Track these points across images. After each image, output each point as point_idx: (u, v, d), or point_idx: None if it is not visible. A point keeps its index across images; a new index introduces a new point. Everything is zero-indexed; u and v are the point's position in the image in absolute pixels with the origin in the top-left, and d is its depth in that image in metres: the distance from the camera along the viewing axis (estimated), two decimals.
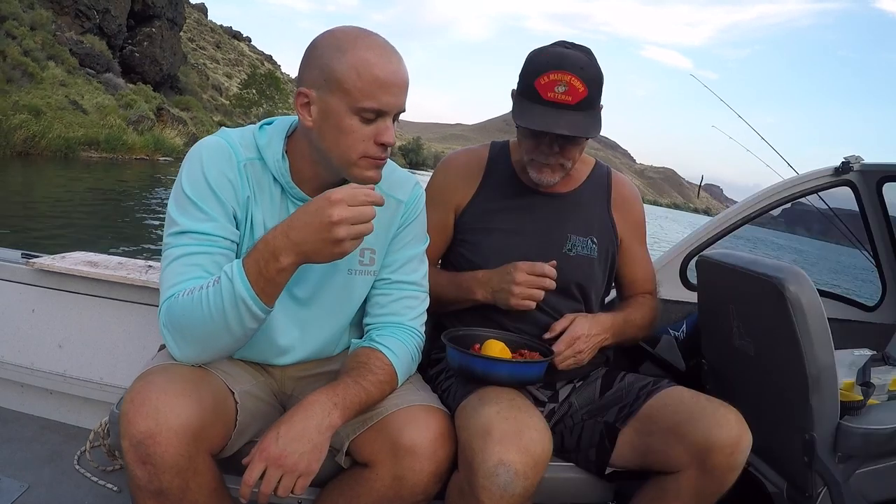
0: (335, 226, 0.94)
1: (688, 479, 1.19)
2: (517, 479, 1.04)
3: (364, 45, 1.04)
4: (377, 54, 1.03)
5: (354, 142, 1.05)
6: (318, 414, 1.03)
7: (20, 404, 1.96)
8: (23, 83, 18.96)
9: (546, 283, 1.30)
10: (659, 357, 1.84)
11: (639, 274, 1.56)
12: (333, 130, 1.05)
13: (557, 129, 1.25)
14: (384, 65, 1.03)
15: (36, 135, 16.08)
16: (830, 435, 1.30)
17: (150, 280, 1.87)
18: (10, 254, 1.99)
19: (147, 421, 0.94)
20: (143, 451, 0.94)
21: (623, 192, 1.53)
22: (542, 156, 1.34)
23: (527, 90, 1.28)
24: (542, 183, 1.38)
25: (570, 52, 1.27)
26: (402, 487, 1.08)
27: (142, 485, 0.96)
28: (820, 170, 2.00)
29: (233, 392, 1.11)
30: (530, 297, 1.30)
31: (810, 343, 1.22)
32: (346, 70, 1.02)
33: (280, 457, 0.98)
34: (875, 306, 2.16)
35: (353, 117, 1.04)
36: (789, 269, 1.26)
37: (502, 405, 1.14)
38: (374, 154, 1.07)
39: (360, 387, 1.09)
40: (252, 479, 0.98)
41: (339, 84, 1.02)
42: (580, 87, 1.24)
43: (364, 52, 1.03)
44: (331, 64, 1.03)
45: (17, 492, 1.56)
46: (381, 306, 1.25)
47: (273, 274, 0.98)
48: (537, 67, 1.26)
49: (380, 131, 1.05)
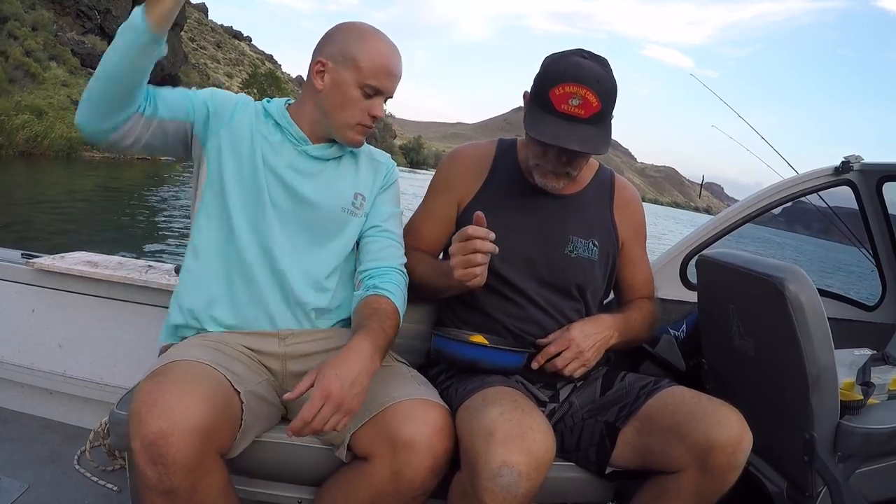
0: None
1: (688, 478, 1.19)
2: (520, 480, 1.04)
3: (378, 38, 1.30)
4: (387, 48, 1.30)
5: (354, 110, 1.29)
6: (366, 358, 1.09)
7: (20, 404, 1.96)
8: (25, 83, 19.26)
9: (476, 244, 1.19)
10: (659, 357, 1.84)
11: (638, 278, 1.56)
12: (339, 97, 1.28)
13: (568, 143, 1.25)
14: (390, 57, 1.29)
15: (38, 135, 16.38)
16: (830, 434, 1.29)
17: (151, 280, 1.87)
18: (10, 254, 1.99)
19: (159, 421, 0.95)
20: (155, 451, 0.95)
21: (625, 195, 1.53)
22: (548, 164, 1.35)
23: (541, 99, 1.28)
24: (545, 188, 1.39)
25: (587, 64, 1.26)
26: (400, 482, 1.09)
27: (151, 485, 0.97)
28: (820, 169, 2.00)
29: (238, 392, 1.11)
30: (467, 265, 1.20)
31: (810, 342, 1.22)
32: (362, 53, 1.26)
33: (340, 397, 1.03)
34: (875, 306, 2.15)
35: (358, 90, 1.27)
36: (789, 269, 1.26)
37: (505, 406, 1.14)
38: (367, 122, 1.31)
39: (384, 331, 1.19)
40: (311, 415, 1.02)
41: (354, 62, 1.26)
42: (594, 101, 1.24)
43: (377, 44, 1.29)
44: (350, 45, 1.27)
45: (18, 491, 1.56)
46: (374, 252, 1.38)
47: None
48: (553, 77, 1.26)
49: (374, 106, 1.30)
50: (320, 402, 1.02)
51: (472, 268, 1.21)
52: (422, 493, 1.12)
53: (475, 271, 1.21)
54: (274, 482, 1.29)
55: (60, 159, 17.21)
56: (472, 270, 1.21)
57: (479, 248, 1.19)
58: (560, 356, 1.35)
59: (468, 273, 1.21)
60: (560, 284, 1.41)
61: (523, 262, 1.42)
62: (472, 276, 1.22)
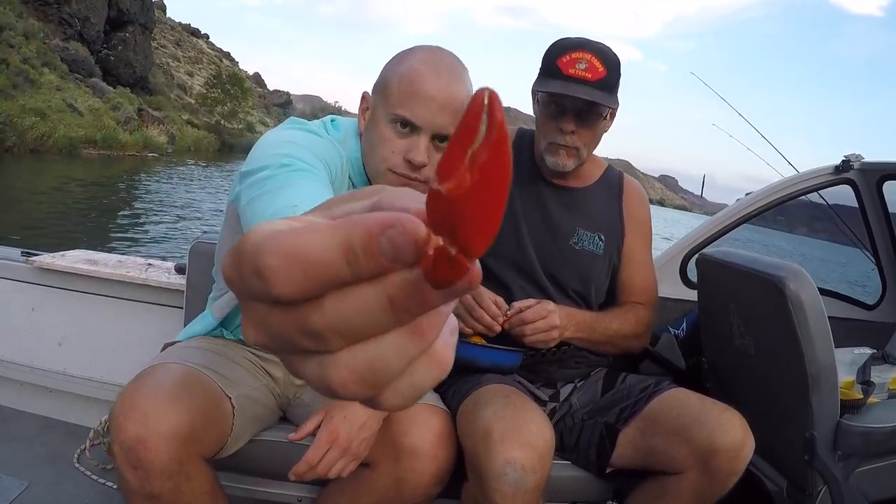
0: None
1: (689, 480, 1.19)
2: (526, 474, 1.05)
3: (420, 58, 1.01)
4: (428, 68, 0.99)
5: (385, 151, 1.01)
6: None
7: (20, 402, 1.96)
8: (25, 88, 20.74)
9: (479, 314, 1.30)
10: (659, 355, 1.84)
11: (637, 279, 1.51)
12: (372, 136, 1.03)
13: (577, 93, 1.27)
14: (429, 77, 0.98)
15: (45, 134, 18.36)
16: (830, 433, 1.29)
17: (150, 278, 1.87)
18: (10, 252, 1.99)
19: (136, 426, 0.94)
20: (134, 457, 0.94)
21: (632, 192, 1.54)
22: (559, 136, 1.35)
23: (549, 68, 1.33)
24: (557, 167, 1.37)
25: (591, 40, 1.34)
26: (403, 488, 1.08)
27: (134, 489, 0.96)
28: (820, 168, 2.00)
29: (229, 397, 1.10)
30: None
31: (810, 341, 1.22)
32: (393, 76, 1.00)
33: (347, 442, 1.01)
34: (875, 305, 2.15)
35: (389, 126, 1.00)
36: (789, 268, 1.25)
37: (498, 405, 1.15)
38: (401, 170, 1.00)
39: None
40: (316, 459, 1.00)
41: (384, 88, 1.01)
42: (600, 66, 1.29)
43: (416, 63, 1.00)
44: (386, 70, 1.03)
45: (17, 490, 1.56)
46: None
47: None
48: (560, 48, 1.33)
49: (411, 146, 0.99)
50: (326, 446, 1.00)
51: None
52: (424, 499, 1.11)
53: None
54: (274, 481, 1.29)
55: (64, 155, 19.08)
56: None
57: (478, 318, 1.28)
58: (533, 325, 1.29)
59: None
60: (561, 277, 1.40)
61: (525, 251, 1.41)
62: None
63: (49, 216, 9.38)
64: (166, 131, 28.53)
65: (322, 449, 1.00)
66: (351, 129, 1.13)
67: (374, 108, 1.03)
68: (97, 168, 18.11)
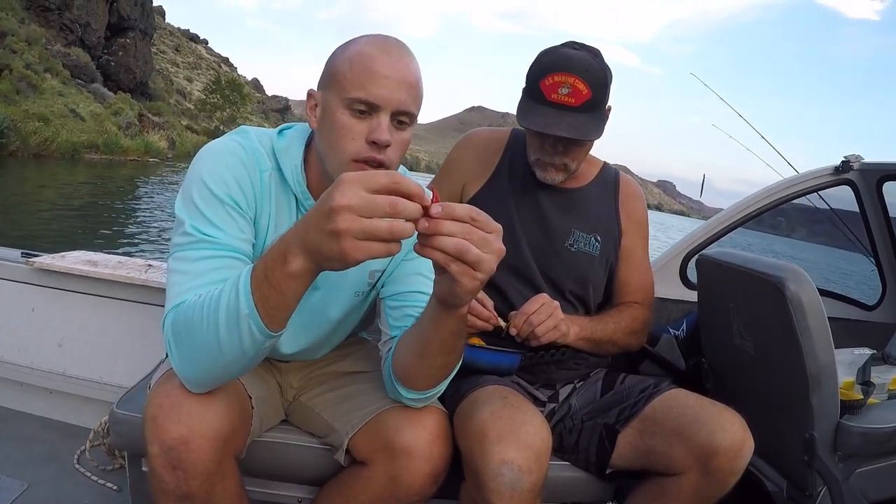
0: (335, 213, 0.71)
1: (688, 481, 1.19)
2: (522, 475, 1.04)
3: (366, 41, 0.99)
4: (376, 47, 0.97)
5: (345, 140, 0.96)
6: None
7: (20, 403, 1.96)
8: (28, 94, 21.09)
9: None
10: (659, 356, 1.84)
11: (634, 278, 1.50)
12: (328, 128, 0.98)
13: (557, 130, 1.26)
14: (380, 56, 0.96)
15: (48, 139, 18.73)
16: (830, 434, 1.29)
17: (150, 279, 1.87)
18: (10, 253, 1.99)
19: (180, 427, 0.93)
20: (175, 457, 0.93)
21: (629, 191, 1.53)
22: (546, 155, 1.35)
23: (532, 90, 1.29)
24: (546, 181, 1.39)
25: (575, 54, 1.28)
26: (398, 488, 1.08)
27: (169, 489, 0.95)
28: (819, 169, 2.01)
29: (251, 397, 1.11)
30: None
31: (810, 342, 1.22)
32: (342, 62, 0.98)
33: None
34: (875, 305, 2.15)
35: (346, 112, 0.96)
36: (789, 268, 1.26)
37: (495, 406, 1.15)
38: (365, 155, 0.96)
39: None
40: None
41: (334, 77, 0.98)
42: (584, 89, 1.25)
43: (363, 46, 0.98)
44: (332, 60, 1.00)
45: (17, 491, 1.56)
46: (396, 319, 1.13)
47: (279, 280, 0.80)
48: (542, 68, 1.28)
49: (372, 128, 0.96)
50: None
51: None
52: (420, 498, 1.10)
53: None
54: (274, 481, 1.29)
55: (66, 160, 19.45)
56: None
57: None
58: (536, 313, 1.28)
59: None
60: (557, 279, 1.40)
61: (521, 254, 1.41)
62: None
63: (53, 218, 9.54)
64: (166, 136, 29.12)
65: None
66: (295, 136, 1.11)
67: (325, 102, 0.99)
68: (99, 172, 18.55)
